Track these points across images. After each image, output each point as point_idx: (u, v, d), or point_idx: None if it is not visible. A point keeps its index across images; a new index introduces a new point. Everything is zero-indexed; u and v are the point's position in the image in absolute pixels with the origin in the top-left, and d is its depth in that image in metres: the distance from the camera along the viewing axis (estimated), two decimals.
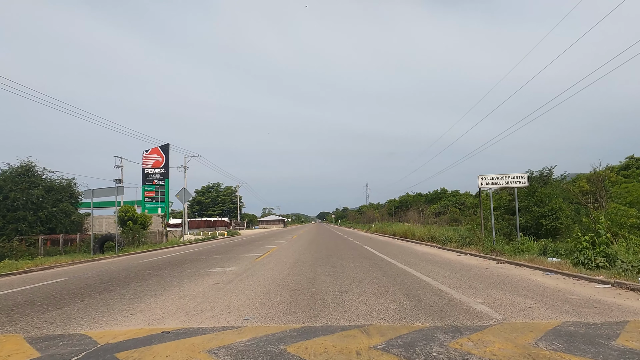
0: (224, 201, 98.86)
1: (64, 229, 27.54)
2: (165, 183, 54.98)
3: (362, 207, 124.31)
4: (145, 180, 54.46)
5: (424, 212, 62.31)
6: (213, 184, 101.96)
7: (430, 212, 59.19)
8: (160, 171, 55.30)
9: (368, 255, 13.69)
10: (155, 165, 54.58)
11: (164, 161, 54.93)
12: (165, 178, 55.05)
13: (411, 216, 61.71)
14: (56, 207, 27.33)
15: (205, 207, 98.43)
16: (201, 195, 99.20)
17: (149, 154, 54.95)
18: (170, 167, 54.96)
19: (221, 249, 20.31)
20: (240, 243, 25.54)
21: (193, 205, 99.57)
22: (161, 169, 55.42)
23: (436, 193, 66.32)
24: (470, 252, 13.23)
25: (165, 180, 55.10)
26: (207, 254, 16.64)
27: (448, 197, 63.61)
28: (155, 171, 54.97)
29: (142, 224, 32.27)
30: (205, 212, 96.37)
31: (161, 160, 54.75)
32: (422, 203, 66.55)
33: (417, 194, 70.83)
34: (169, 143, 54.93)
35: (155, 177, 54.71)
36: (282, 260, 12.82)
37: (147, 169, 54.35)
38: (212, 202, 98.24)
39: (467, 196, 61.56)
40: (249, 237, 36.95)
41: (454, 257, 12.62)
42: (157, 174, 55.37)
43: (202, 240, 33.18)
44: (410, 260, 12.00)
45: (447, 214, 54.69)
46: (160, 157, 54.84)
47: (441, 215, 58.22)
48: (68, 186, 30.91)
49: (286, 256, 14.16)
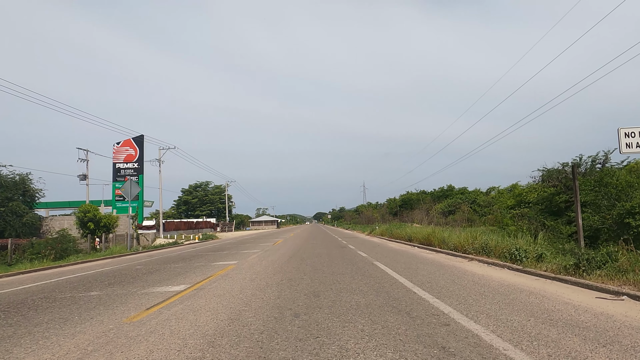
0: (212, 201, 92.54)
1: (14, 231, 23.89)
2: (139, 179, 48.78)
3: (360, 207, 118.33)
4: (116, 176, 48.20)
5: (430, 211, 56.47)
6: (201, 183, 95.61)
7: (437, 211, 53.25)
8: (133, 166, 49.07)
9: (404, 300, 6.19)
10: (127, 160, 48.37)
11: (138, 155, 48.66)
12: (139, 174, 48.83)
13: (417, 216, 55.75)
14: (4, 207, 23.68)
15: (192, 207, 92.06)
16: (188, 195, 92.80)
17: (121, 147, 48.68)
18: (145, 161, 48.61)
19: (154, 265, 14.00)
20: (198, 253, 19.33)
21: (179, 206, 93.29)
22: (134, 163, 49.21)
23: (442, 191, 60.39)
24: (596, 284, 6.81)
25: (139, 176, 48.89)
26: (113, 280, 10.37)
27: (456, 195, 57.70)
28: (127, 166, 48.72)
29: (106, 227, 26.74)
30: (192, 213, 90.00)
31: (134, 153, 48.51)
32: (427, 201, 60.64)
33: (421, 192, 64.91)
34: (143, 134, 48.62)
35: (128, 173, 48.47)
36: (213, 307, 6.33)
37: (119, 163, 48.10)
38: (199, 201, 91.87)
39: (478, 194, 55.63)
40: (224, 242, 30.71)
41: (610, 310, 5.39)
42: (130, 169, 49.10)
43: (160, 247, 26.98)
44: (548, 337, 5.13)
45: (457, 212, 48.79)
46: (134, 150, 48.60)
47: (451, 214, 52.29)
48: (22, 182, 27.18)
49: (234, 290, 7.87)
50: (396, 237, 22.93)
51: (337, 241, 25.15)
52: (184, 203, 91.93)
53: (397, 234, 22.84)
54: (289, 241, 26.81)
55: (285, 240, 27.85)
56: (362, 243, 22.78)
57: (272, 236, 37.52)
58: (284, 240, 27.87)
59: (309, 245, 22.07)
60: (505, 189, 55.65)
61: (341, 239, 28.65)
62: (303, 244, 23.19)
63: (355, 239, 27.60)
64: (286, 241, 26.89)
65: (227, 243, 28.08)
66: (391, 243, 21.89)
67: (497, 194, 50.44)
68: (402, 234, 21.57)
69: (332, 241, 25.22)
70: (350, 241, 25.05)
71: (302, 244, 23.19)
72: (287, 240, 28.78)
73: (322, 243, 23.12)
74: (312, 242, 24.23)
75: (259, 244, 24.22)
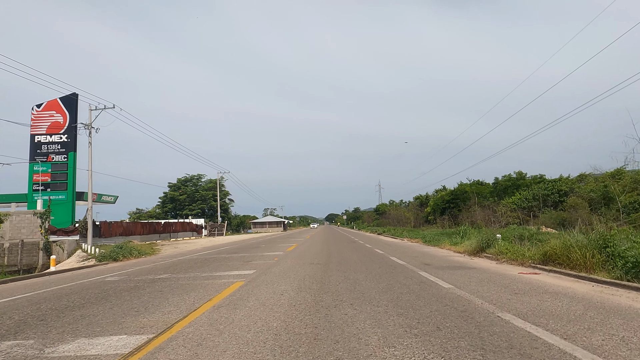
0: (204, 198, 76.42)
1: None
2: (69, 159, 32.76)
3: (382, 206, 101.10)
4: (35, 154, 32.27)
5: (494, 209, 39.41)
6: (192, 176, 79.68)
7: (507, 208, 35.92)
8: (60, 139, 33.00)
9: None
10: (53, 129, 32.42)
11: (68, 122, 32.62)
12: (69, 151, 32.78)
13: (478, 214, 38.64)
14: None
15: (180, 205, 76.08)
16: (175, 190, 76.82)
17: (42, 111, 32.78)
18: (79, 131, 32.47)
19: None
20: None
21: (165, 203, 77.44)
22: (62, 135, 33.14)
23: (510, 179, 43.07)
24: None
25: (69, 154, 32.87)
26: None
27: (531, 186, 40.45)
28: (52, 139, 32.77)
29: None
30: (180, 212, 73.98)
31: (63, 120, 32.57)
32: (487, 195, 43.39)
33: (476, 182, 47.64)
34: (76, 93, 32.41)
35: (53, 150, 32.51)
36: None
37: (39, 135, 32.30)
38: (189, 198, 75.86)
39: (567, 181, 38.38)
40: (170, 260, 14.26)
41: None
42: (56, 144, 33.08)
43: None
44: None
45: (546, 213, 31.63)
46: (62, 116, 32.65)
47: (532, 211, 35.08)
48: None
49: None
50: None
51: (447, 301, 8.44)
52: (170, 200, 76.12)
53: None
54: (289, 259, 10.44)
55: (282, 259, 11.50)
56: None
57: (269, 246, 21.36)
58: (280, 258, 11.52)
59: (334, 294, 5.63)
60: (607, 174, 38.17)
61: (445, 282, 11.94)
62: (318, 284, 6.83)
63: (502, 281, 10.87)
64: (281, 260, 10.54)
65: (171, 264, 11.70)
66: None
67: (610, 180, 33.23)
68: None
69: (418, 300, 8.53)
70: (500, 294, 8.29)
71: (317, 286, 6.85)
72: (287, 257, 12.35)
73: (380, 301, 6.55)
74: (340, 280, 8.01)
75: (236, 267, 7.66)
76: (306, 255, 13.39)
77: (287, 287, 6.77)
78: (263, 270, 9.41)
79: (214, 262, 11.89)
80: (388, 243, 21.30)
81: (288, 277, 7.94)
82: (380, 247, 17.03)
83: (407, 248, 16.36)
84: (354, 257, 12.19)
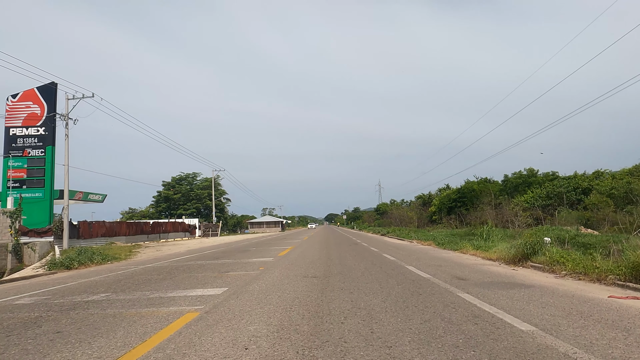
0: (199, 197, 73.92)
1: None
2: (47, 153, 30.19)
3: (382, 206, 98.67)
4: (10, 148, 29.62)
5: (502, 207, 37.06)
6: (187, 174, 77.20)
7: (520, 207, 33.46)
8: (37, 132, 30.37)
9: None
10: (28, 122, 29.70)
11: (46, 113, 29.94)
12: (47, 144, 30.18)
13: (489, 214, 36.13)
14: None
15: (175, 204, 73.63)
16: (169, 189, 74.32)
17: (18, 102, 30.04)
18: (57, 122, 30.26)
19: None
20: None
21: (159, 203, 74.98)
22: (40, 127, 30.51)
23: (520, 176, 40.53)
24: None
25: (47, 148, 30.27)
26: None
27: (544, 183, 37.92)
28: (28, 132, 30.13)
29: None
30: (174, 212, 71.52)
31: (40, 112, 29.81)
32: (497, 194, 40.92)
33: (483, 180, 45.08)
34: (55, 82, 29.80)
35: (29, 144, 29.89)
36: None
37: (14, 128, 29.66)
38: (183, 197, 73.35)
39: (583, 178, 35.74)
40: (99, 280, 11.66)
41: None
42: (33, 138, 30.46)
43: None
44: None
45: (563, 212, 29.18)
46: (39, 108, 29.91)
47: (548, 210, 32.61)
48: None
49: None
50: None
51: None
52: (164, 199, 73.60)
53: None
54: (273, 275, 7.96)
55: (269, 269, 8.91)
56: None
57: (257, 250, 18.83)
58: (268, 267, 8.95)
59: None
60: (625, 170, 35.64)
61: None
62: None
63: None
64: (265, 274, 8.07)
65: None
66: None
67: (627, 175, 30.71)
68: None
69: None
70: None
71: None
72: (273, 267, 9.82)
73: None
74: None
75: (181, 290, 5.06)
76: (300, 263, 10.81)
77: (260, 326, 4.20)
78: (237, 288, 6.84)
79: (182, 273, 9.32)
80: (396, 246, 18.69)
81: (268, 304, 5.38)
82: (389, 251, 14.47)
83: (420, 253, 13.78)
84: (360, 266, 9.62)
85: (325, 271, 8.87)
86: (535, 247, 8.74)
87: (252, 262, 11.76)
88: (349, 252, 14.47)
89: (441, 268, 9.01)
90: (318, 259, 12.07)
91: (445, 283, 6.81)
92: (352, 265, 10.06)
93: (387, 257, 12.30)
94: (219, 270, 9.59)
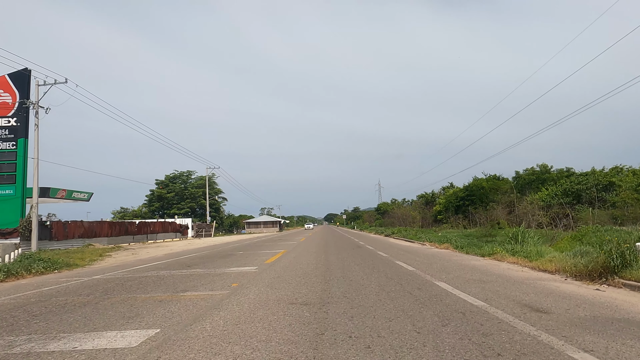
0: (194, 196, 71.27)
1: None
2: (18, 146, 27.52)
3: (382, 205, 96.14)
4: None
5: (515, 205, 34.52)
6: (181, 173, 74.51)
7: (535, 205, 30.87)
8: (8, 123, 27.69)
9: None
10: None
11: (17, 103, 27.30)
12: (19, 137, 27.51)
13: (500, 213, 33.51)
14: None
15: (168, 203, 70.99)
16: (163, 188, 71.65)
17: None
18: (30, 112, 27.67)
19: None
20: None
21: (152, 202, 72.35)
22: (11, 118, 27.81)
23: (533, 173, 37.88)
24: None
25: (18, 141, 27.58)
26: None
27: (559, 180, 35.29)
28: None
29: None
30: (168, 211, 68.85)
31: (11, 101, 27.05)
32: (508, 191, 38.38)
33: (492, 177, 42.39)
34: (29, 68, 27.12)
35: None
36: None
37: None
38: (177, 196, 70.69)
39: (603, 175, 33.04)
40: None
41: None
42: (3, 129, 27.85)
43: None
44: None
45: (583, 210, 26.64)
46: (10, 96, 27.09)
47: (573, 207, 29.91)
48: None
49: None
50: None
51: None
52: (157, 199, 70.90)
53: None
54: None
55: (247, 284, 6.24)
56: None
57: (226, 259, 16.20)
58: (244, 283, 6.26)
59: None
60: None
61: None
62: None
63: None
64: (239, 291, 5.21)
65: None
66: None
67: None
68: None
69: None
70: None
71: None
72: (250, 284, 7.06)
73: None
74: None
75: None
76: (289, 277, 8.13)
77: None
78: (174, 331, 4.12)
79: (118, 294, 6.60)
80: (406, 249, 15.94)
81: None
82: (402, 257, 11.79)
83: (442, 260, 11.09)
84: (371, 284, 6.93)
85: (322, 292, 6.18)
86: (624, 255, 6.08)
87: (228, 273, 9.06)
88: (353, 259, 11.78)
89: (488, 286, 6.33)
90: (314, 269, 9.38)
91: (518, 320, 4.14)
92: (359, 280, 7.36)
93: (403, 265, 9.61)
94: (175, 289, 6.89)
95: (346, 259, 11.84)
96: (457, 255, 12.42)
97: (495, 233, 22.45)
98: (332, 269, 9.20)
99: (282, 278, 7.88)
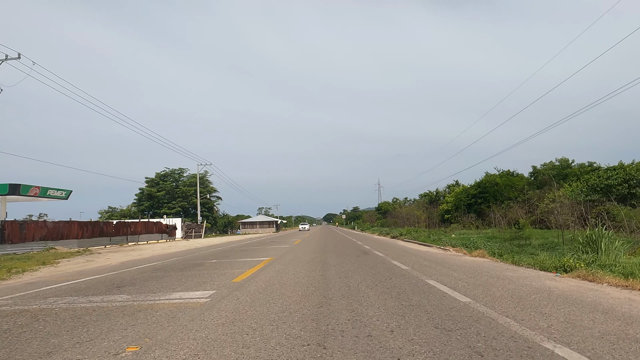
0: (185, 194, 67.67)
1: None
2: None
3: (383, 205, 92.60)
4: None
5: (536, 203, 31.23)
6: (172, 170, 70.94)
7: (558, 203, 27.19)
8: None
9: None
10: None
11: None
12: None
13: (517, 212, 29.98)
14: None
15: (159, 203, 67.42)
16: (153, 187, 68.13)
17: None
18: None
19: None
20: None
21: (141, 201, 68.78)
22: None
23: (553, 167, 34.38)
24: None
25: None
26: None
27: (582, 175, 31.82)
28: None
29: None
30: (158, 211, 65.26)
31: None
32: (524, 188, 34.93)
33: (506, 173, 38.84)
34: None
35: None
36: None
37: None
38: (168, 195, 67.10)
39: (635, 169, 29.67)
40: None
41: None
42: None
43: None
44: None
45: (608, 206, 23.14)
46: None
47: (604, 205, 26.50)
48: None
49: None
50: None
51: None
52: (147, 197, 67.35)
53: None
54: None
55: None
56: None
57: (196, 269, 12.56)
58: None
59: None
60: None
61: None
62: None
63: None
64: None
65: None
66: None
67: None
68: None
69: None
70: None
71: None
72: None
73: None
74: None
75: None
76: (248, 329, 4.64)
77: None
78: None
79: None
80: (430, 258, 12.29)
81: None
82: (432, 273, 8.24)
83: (494, 277, 7.58)
84: (405, 345, 3.46)
85: None
86: None
87: (158, 305, 5.52)
88: (361, 275, 8.22)
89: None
90: (301, 297, 5.84)
91: None
92: (383, 336, 3.84)
93: (449, 293, 6.05)
94: (72, 338, 3.36)
95: (351, 274, 8.29)
96: (511, 269, 8.83)
97: (525, 235, 18.95)
98: (332, 298, 5.65)
99: (238, 326, 4.31)
